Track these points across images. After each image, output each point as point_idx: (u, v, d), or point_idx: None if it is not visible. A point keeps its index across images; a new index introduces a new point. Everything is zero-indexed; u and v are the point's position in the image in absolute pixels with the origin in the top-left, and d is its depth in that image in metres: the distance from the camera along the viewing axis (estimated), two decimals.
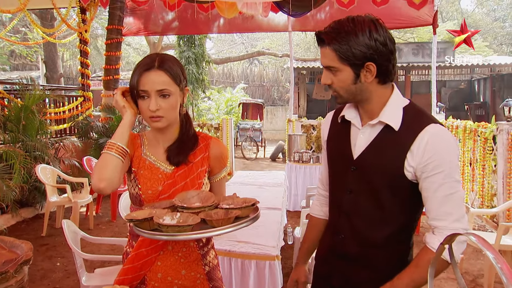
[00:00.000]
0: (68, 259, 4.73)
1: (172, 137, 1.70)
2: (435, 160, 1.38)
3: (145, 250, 1.64)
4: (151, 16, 9.30)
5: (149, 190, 1.63)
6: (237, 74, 24.18)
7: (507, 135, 5.26)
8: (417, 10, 7.80)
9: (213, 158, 1.72)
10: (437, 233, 1.42)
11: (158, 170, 1.65)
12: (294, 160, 7.14)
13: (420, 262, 1.42)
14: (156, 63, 1.56)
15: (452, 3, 26.64)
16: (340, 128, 1.62)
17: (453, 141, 1.42)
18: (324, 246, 1.73)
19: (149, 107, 1.56)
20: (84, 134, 7.99)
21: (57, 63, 15.28)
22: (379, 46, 1.40)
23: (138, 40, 26.40)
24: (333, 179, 1.67)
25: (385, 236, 1.51)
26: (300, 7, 7.23)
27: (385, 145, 1.47)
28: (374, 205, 1.50)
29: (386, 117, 1.46)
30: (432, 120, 1.44)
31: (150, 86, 1.55)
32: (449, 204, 1.39)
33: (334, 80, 1.47)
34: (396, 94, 1.50)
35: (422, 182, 1.42)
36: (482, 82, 17.90)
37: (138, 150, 1.69)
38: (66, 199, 5.75)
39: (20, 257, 1.31)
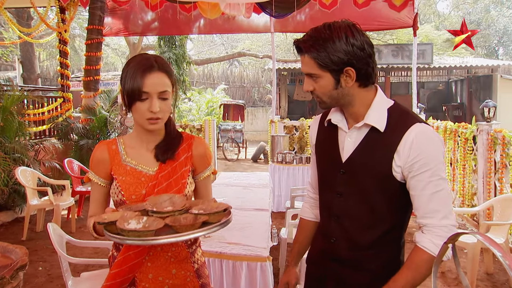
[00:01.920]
0: (50, 263, 4.64)
1: (158, 137, 1.69)
2: (421, 159, 1.40)
3: (133, 253, 1.62)
4: (131, 17, 9.20)
5: (132, 195, 1.62)
6: (218, 75, 24.11)
7: (487, 135, 5.37)
8: (398, 12, 7.89)
9: (196, 157, 1.72)
10: (426, 231, 1.43)
11: (141, 174, 1.64)
12: (277, 161, 7.16)
13: (413, 263, 1.43)
14: (155, 64, 1.55)
15: (430, 6, 27.13)
16: (328, 132, 1.64)
17: (438, 139, 1.44)
18: (316, 248, 1.74)
19: (150, 108, 1.54)
20: (64, 136, 7.86)
21: (34, 64, 14.99)
22: (356, 51, 1.42)
23: (117, 41, 26.07)
24: (322, 183, 1.68)
25: (377, 237, 1.53)
26: (283, 8, 7.24)
27: (372, 147, 1.49)
28: (365, 207, 1.52)
29: (371, 119, 1.48)
30: (417, 120, 1.46)
31: (153, 88, 1.53)
32: (436, 201, 1.41)
33: (315, 86, 1.50)
34: (379, 96, 1.53)
35: (409, 180, 1.44)
36: (459, 84, 18.25)
37: (117, 157, 1.68)
38: (47, 202, 5.64)
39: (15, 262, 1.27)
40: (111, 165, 1.67)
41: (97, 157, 1.69)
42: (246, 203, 4.10)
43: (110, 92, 9.37)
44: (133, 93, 1.54)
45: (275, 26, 9.25)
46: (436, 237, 1.41)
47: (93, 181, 1.70)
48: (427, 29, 20.06)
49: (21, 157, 6.05)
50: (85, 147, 7.58)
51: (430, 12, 27.81)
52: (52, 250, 4.98)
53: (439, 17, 28.86)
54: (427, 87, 18.78)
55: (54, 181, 6.04)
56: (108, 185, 1.69)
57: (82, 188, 6.58)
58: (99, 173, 1.69)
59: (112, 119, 8.16)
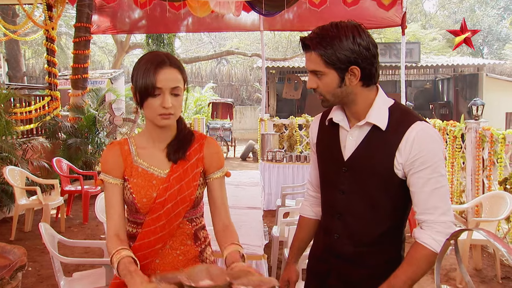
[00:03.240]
0: (40, 264, 4.59)
1: (170, 136, 1.67)
2: (421, 156, 1.43)
3: (142, 254, 1.62)
4: (120, 14, 9.13)
5: (143, 198, 1.60)
6: (206, 73, 24.03)
7: (475, 133, 5.43)
8: (386, 11, 7.94)
9: (208, 158, 1.69)
10: (426, 227, 1.46)
11: (152, 176, 1.63)
12: (267, 159, 7.17)
13: (414, 259, 1.45)
14: (167, 59, 1.54)
15: (416, 5, 27.36)
16: (329, 131, 1.66)
17: (438, 137, 1.47)
18: (318, 245, 1.75)
19: (162, 104, 1.52)
20: (52, 135, 7.77)
21: (20, 62, 14.82)
22: (362, 51, 1.45)
23: (104, 39, 25.84)
24: (324, 181, 1.70)
25: (379, 234, 1.55)
26: (273, 6, 7.25)
27: (374, 145, 1.51)
28: (367, 204, 1.54)
29: (373, 118, 1.50)
30: (418, 118, 1.49)
31: (165, 83, 1.52)
32: (436, 198, 1.44)
33: (319, 84, 1.51)
34: (381, 95, 1.55)
35: (409, 177, 1.47)
36: (445, 82, 18.42)
37: (129, 158, 1.65)
38: (36, 202, 5.57)
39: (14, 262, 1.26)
40: (125, 166, 1.65)
41: (112, 158, 1.65)
42: (238, 201, 4.10)
43: (98, 90, 9.29)
44: (146, 89, 1.52)
45: (264, 24, 9.26)
46: (436, 233, 1.43)
47: (107, 183, 1.64)
48: (414, 28, 20.21)
49: (9, 156, 5.96)
50: (73, 146, 7.51)
51: (417, 11, 28.06)
52: (42, 250, 4.95)
53: (425, 16, 29.12)
54: (414, 86, 18.93)
55: (43, 181, 5.98)
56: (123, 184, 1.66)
57: (71, 188, 6.53)
58: (115, 173, 1.65)
59: (101, 118, 8.10)
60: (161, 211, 1.60)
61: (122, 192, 1.65)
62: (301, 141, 8.67)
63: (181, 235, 1.67)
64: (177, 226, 1.64)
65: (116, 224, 1.61)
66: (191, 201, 1.64)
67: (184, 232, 1.67)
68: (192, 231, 1.69)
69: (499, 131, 5.05)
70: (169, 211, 1.61)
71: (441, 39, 22.20)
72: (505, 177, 4.86)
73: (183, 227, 1.67)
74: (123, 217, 1.65)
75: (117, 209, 1.63)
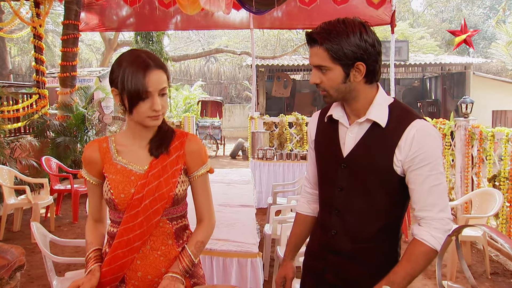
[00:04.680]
0: (30, 263, 4.54)
1: (151, 133, 1.68)
2: (421, 154, 1.44)
3: (122, 252, 1.61)
4: (108, 12, 9.03)
5: (121, 193, 1.61)
6: (195, 71, 23.97)
7: (464, 131, 5.49)
8: (376, 9, 7.98)
9: (189, 155, 1.69)
10: (424, 224, 1.48)
11: (131, 172, 1.63)
12: (258, 157, 7.17)
13: (412, 255, 1.47)
14: (150, 61, 1.53)
15: (404, 4, 27.52)
16: (328, 128, 1.66)
17: (437, 135, 1.49)
18: (315, 242, 1.76)
19: (152, 107, 1.54)
20: (40, 133, 7.67)
21: (6, 59, 14.62)
22: (368, 47, 1.46)
23: (91, 36, 25.61)
24: (323, 177, 1.71)
25: (377, 230, 1.56)
26: (263, 4, 7.22)
27: (373, 142, 1.52)
28: (366, 201, 1.55)
29: (373, 115, 1.52)
30: (417, 116, 1.51)
31: (154, 86, 1.53)
32: (434, 195, 1.46)
33: (323, 79, 1.51)
34: (381, 93, 1.56)
35: (408, 174, 1.48)
36: (433, 80, 18.57)
37: (107, 156, 1.67)
38: (25, 201, 5.51)
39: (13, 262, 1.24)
40: (102, 164, 1.67)
41: (88, 156, 1.69)
42: (231, 199, 4.10)
43: (87, 88, 9.21)
44: (138, 94, 1.51)
45: (253, 22, 9.23)
46: (434, 229, 1.45)
47: (86, 179, 1.71)
48: (402, 27, 20.33)
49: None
50: (62, 145, 7.43)
51: (405, 10, 28.22)
52: (31, 250, 4.89)
53: (413, 15, 29.32)
54: (402, 84, 19.05)
55: (32, 180, 5.90)
56: (101, 184, 1.69)
57: (60, 187, 6.46)
58: (91, 171, 1.70)
59: (90, 116, 8.02)
60: (139, 207, 1.59)
61: (99, 189, 1.71)
62: (291, 139, 8.68)
63: (161, 234, 1.65)
64: (156, 224, 1.63)
65: (93, 214, 1.77)
66: (169, 198, 1.62)
67: (164, 231, 1.66)
68: (173, 230, 1.67)
69: (488, 128, 5.11)
70: (147, 207, 1.60)
71: (429, 38, 22.38)
72: (494, 174, 4.92)
73: (163, 225, 1.65)
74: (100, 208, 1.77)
75: (94, 202, 1.76)
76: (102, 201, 1.75)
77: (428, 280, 4.24)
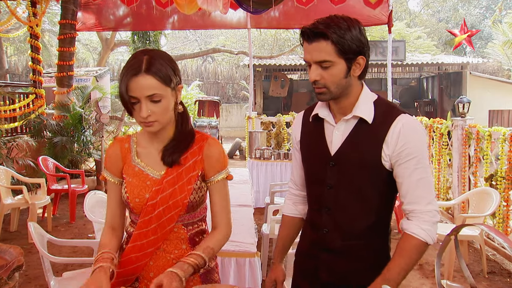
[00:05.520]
0: (27, 264, 4.52)
1: (167, 137, 1.63)
2: (408, 148, 1.48)
3: (135, 256, 1.60)
4: (105, 11, 9.02)
5: (136, 198, 1.59)
6: (192, 71, 23.95)
7: (461, 130, 5.50)
8: (373, 9, 7.99)
9: (207, 160, 1.63)
10: (412, 217, 1.51)
11: (147, 177, 1.60)
12: (255, 157, 7.18)
13: (404, 250, 1.49)
14: (143, 66, 1.47)
15: (401, 4, 27.57)
16: (313, 127, 1.67)
17: (422, 129, 1.54)
18: (306, 241, 1.76)
19: (139, 113, 1.49)
20: (37, 133, 7.67)
21: (2, 59, 14.53)
22: (366, 42, 1.50)
23: (88, 36, 25.54)
24: (311, 177, 1.71)
25: (367, 226, 1.58)
26: (261, 4, 7.21)
27: (361, 138, 1.55)
28: (356, 197, 1.57)
29: (360, 112, 1.54)
30: (402, 111, 1.55)
31: (139, 92, 1.47)
32: (422, 188, 1.49)
33: (325, 75, 1.50)
34: (366, 89, 1.59)
35: (396, 168, 1.51)
36: (430, 80, 18.61)
37: (128, 157, 1.65)
38: (22, 201, 5.50)
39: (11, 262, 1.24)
40: (123, 164, 1.65)
41: (110, 156, 1.67)
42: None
43: (84, 88, 9.19)
44: (122, 97, 1.49)
45: (250, 22, 9.24)
46: (423, 222, 1.48)
47: (108, 180, 1.68)
48: (399, 27, 20.38)
49: None
50: (59, 145, 7.42)
51: (402, 10, 28.29)
52: (29, 250, 4.88)
53: (410, 15, 29.38)
54: (399, 84, 19.08)
55: (29, 179, 5.89)
56: (122, 183, 1.66)
57: (57, 186, 6.45)
58: (114, 171, 1.67)
59: (87, 116, 8.01)
60: (152, 214, 1.57)
61: (120, 190, 1.66)
62: (288, 138, 8.69)
63: (175, 239, 1.62)
64: (170, 230, 1.60)
65: (110, 217, 1.69)
66: (184, 206, 1.58)
67: (179, 236, 1.62)
68: (187, 236, 1.63)
69: (485, 128, 5.12)
70: (160, 214, 1.57)
71: (426, 38, 22.43)
72: (491, 174, 4.93)
73: (178, 231, 1.62)
74: (119, 213, 1.69)
75: (113, 204, 1.68)
76: (121, 206, 1.70)
77: (426, 279, 4.25)
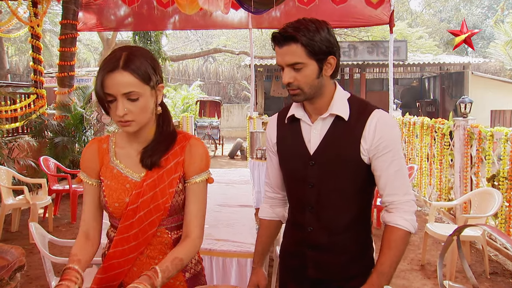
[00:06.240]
0: (28, 264, 4.52)
1: (147, 139, 1.55)
2: (384, 141, 1.53)
3: (117, 262, 1.54)
4: (106, 11, 9.02)
5: (115, 202, 1.51)
6: (193, 71, 23.95)
7: (463, 130, 5.49)
8: (375, 9, 7.98)
9: (188, 159, 1.55)
10: (393, 209, 1.56)
11: (126, 179, 1.52)
12: (256, 157, 7.17)
13: (392, 242, 1.54)
14: (121, 62, 1.40)
15: (402, 4, 27.55)
16: (290, 128, 1.69)
17: (395, 123, 1.61)
18: (290, 240, 1.78)
19: (115, 111, 1.42)
20: (38, 133, 7.66)
21: (3, 59, 14.60)
22: (335, 42, 1.54)
23: (89, 36, 25.56)
24: (291, 178, 1.72)
25: (350, 220, 1.63)
26: (262, 4, 7.20)
27: (338, 135, 1.58)
28: (336, 194, 1.60)
29: (336, 109, 1.58)
30: (375, 107, 1.60)
31: (115, 89, 1.39)
32: (399, 179, 1.56)
33: (298, 77, 1.54)
34: (339, 88, 1.64)
35: (374, 162, 1.56)
36: (432, 80, 18.60)
37: (106, 157, 1.57)
38: (23, 201, 5.49)
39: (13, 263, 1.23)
40: (100, 166, 1.57)
41: (86, 156, 1.59)
42: (230, 199, 4.08)
43: (85, 88, 9.18)
44: (97, 94, 1.42)
45: (251, 22, 9.24)
46: (404, 212, 1.54)
47: (84, 181, 1.59)
48: (401, 27, 20.34)
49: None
50: (60, 145, 7.41)
51: (403, 9, 28.26)
52: (30, 250, 4.87)
53: (411, 15, 29.35)
54: (401, 84, 19.08)
55: (30, 180, 5.89)
56: (99, 185, 1.57)
57: (58, 187, 6.44)
58: (90, 173, 1.58)
59: (88, 116, 8.00)
60: (134, 218, 1.50)
61: (97, 192, 1.59)
62: None
63: (158, 244, 1.56)
64: (153, 234, 1.54)
65: (85, 223, 1.60)
66: (165, 209, 1.52)
67: (162, 241, 1.56)
68: (171, 240, 1.57)
69: (487, 128, 5.10)
70: (141, 219, 1.50)
71: (427, 38, 22.39)
72: (493, 174, 4.92)
73: (161, 235, 1.55)
74: (94, 217, 1.60)
75: (89, 208, 1.60)
76: (98, 211, 1.61)
77: (428, 280, 4.24)
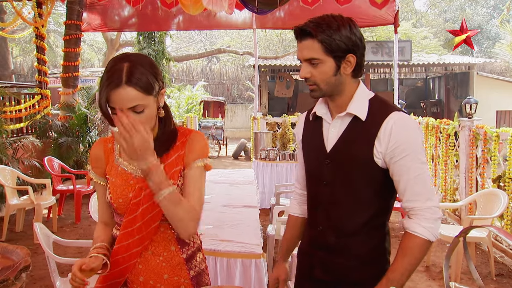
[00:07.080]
0: (33, 264, 4.46)
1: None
2: (401, 144, 1.48)
3: (122, 257, 1.57)
4: (110, 12, 9.04)
5: (119, 198, 1.56)
6: (197, 71, 23.97)
7: (468, 131, 5.46)
8: (379, 9, 7.98)
9: (188, 148, 1.59)
10: (413, 216, 1.50)
11: (130, 176, 1.58)
12: (260, 158, 7.16)
13: (407, 249, 1.48)
14: (124, 77, 1.41)
15: (407, 4, 27.45)
16: (313, 125, 1.70)
17: (415, 125, 1.53)
18: (304, 240, 1.78)
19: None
20: (42, 134, 7.69)
21: (8, 60, 14.63)
22: (357, 41, 1.52)
23: (93, 37, 25.61)
24: (309, 175, 1.73)
25: (361, 224, 1.58)
26: (266, 4, 7.20)
27: (354, 135, 1.56)
28: (349, 194, 1.58)
29: (353, 109, 1.55)
30: (395, 108, 1.55)
31: (121, 104, 1.42)
32: (419, 184, 1.48)
33: (314, 72, 1.54)
34: (362, 87, 1.61)
35: (392, 166, 1.51)
36: (437, 80, 18.52)
37: (111, 156, 1.62)
38: (27, 201, 5.50)
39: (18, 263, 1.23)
40: (106, 164, 1.62)
41: (93, 156, 1.66)
42: (234, 200, 4.08)
43: (89, 89, 9.20)
44: (101, 109, 1.46)
45: (255, 22, 9.23)
46: (424, 220, 1.47)
47: (94, 180, 1.67)
48: (405, 27, 20.25)
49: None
50: (64, 145, 7.43)
51: (408, 9, 28.17)
52: (34, 250, 4.88)
53: (416, 15, 29.26)
54: (405, 84, 19.01)
55: (35, 180, 5.90)
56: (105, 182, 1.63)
57: (63, 187, 6.46)
58: (98, 172, 1.65)
59: (92, 116, 8.02)
60: (137, 212, 1.54)
61: (105, 190, 1.64)
62: (294, 139, 8.66)
63: (162, 240, 1.60)
64: (155, 229, 1.57)
65: (101, 214, 1.71)
66: None
67: (166, 237, 1.60)
68: (174, 236, 1.60)
69: (492, 129, 5.07)
70: (144, 212, 1.54)
71: (432, 38, 22.32)
72: (499, 175, 4.88)
73: (164, 231, 1.59)
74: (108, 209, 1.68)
75: (102, 204, 1.69)
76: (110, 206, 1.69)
77: (433, 281, 4.21)
